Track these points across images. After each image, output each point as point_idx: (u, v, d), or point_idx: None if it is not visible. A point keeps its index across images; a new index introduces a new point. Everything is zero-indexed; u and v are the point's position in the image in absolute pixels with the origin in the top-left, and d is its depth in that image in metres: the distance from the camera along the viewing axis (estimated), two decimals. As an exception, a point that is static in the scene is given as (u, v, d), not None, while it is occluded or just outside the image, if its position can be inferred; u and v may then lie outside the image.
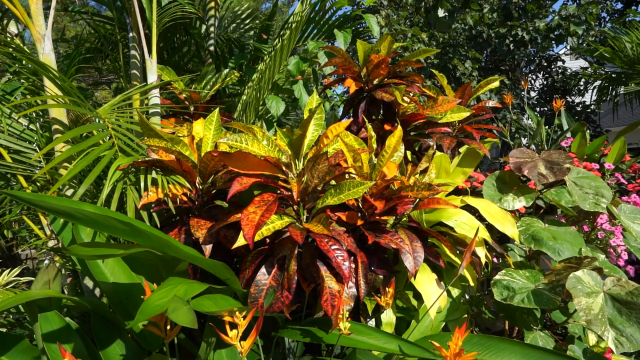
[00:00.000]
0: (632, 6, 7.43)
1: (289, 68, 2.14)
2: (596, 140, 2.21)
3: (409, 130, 1.76)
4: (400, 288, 1.42)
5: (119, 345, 1.18)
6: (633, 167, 2.32)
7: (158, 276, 1.26)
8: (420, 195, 1.22)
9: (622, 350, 1.18)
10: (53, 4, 1.48)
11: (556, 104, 2.26)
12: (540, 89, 6.53)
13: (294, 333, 1.17)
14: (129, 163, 1.24)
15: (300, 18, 1.93)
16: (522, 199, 1.66)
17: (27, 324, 1.63)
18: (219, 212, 1.32)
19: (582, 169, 1.73)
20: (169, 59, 2.68)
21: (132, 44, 1.89)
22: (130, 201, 1.23)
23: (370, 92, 1.73)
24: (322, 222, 1.11)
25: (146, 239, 0.99)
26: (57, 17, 4.42)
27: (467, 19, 4.90)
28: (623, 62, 3.56)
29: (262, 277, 1.17)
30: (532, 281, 1.43)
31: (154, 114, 1.71)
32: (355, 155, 1.25)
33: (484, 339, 1.15)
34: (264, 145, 1.21)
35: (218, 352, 1.15)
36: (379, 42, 1.73)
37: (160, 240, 0.98)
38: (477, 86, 1.88)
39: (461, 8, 4.70)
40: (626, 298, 1.25)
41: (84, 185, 1.15)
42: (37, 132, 1.61)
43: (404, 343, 1.08)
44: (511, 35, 5.09)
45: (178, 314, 0.85)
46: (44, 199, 0.99)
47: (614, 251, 1.81)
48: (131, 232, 0.98)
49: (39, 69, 1.36)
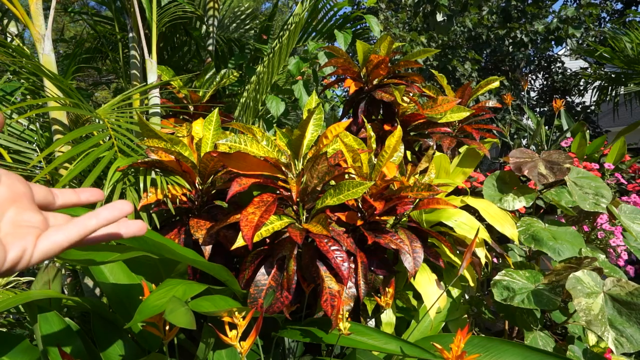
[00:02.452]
0: (632, 6, 7.43)
1: (289, 68, 2.14)
2: (596, 140, 2.22)
3: (409, 130, 1.76)
4: (400, 288, 1.42)
5: (119, 345, 1.18)
6: (633, 167, 2.32)
7: (158, 276, 1.26)
8: (420, 195, 1.22)
9: (622, 350, 1.18)
10: (53, 4, 1.48)
11: (556, 104, 2.26)
12: (540, 89, 6.54)
13: (294, 333, 1.17)
14: (129, 164, 1.24)
15: (300, 19, 1.93)
16: (522, 199, 1.66)
17: (27, 324, 1.64)
18: (219, 213, 1.32)
19: (582, 169, 1.73)
20: (169, 59, 2.68)
21: (132, 44, 1.89)
22: (130, 202, 1.23)
23: (370, 92, 1.73)
24: (321, 223, 1.11)
25: (143, 243, 0.99)
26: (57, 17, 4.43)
27: (466, 22, 4.91)
28: (623, 62, 3.56)
29: (261, 277, 1.16)
30: (532, 281, 1.43)
31: (154, 114, 1.71)
32: (355, 155, 1.25)
33: (484, 340, 1.15)
34: (263, 146, 1.21)
35: (218, 352, 1.15)
36: (379, 43, 1.73)
37: (158, 244, 0.98)
38: (477, 86, 1.88)
39: (460, 12, 4.71)
40: (626, 298, 1.25)
41: (84, 186, 1.15)
42: (37, 132, 1.61)
43: (404, 343, 1.08)
44: (510, 37, 5.10)
45: (176, 315, 0.84)
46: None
47: (613, 251, 1.81)
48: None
49: (39, 72, 1.36)
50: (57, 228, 0.36)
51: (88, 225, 0.36)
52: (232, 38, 2.79)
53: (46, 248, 0.35)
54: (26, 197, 0.37)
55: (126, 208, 0.38)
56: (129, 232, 0.43)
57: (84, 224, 0.36)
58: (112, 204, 0.38)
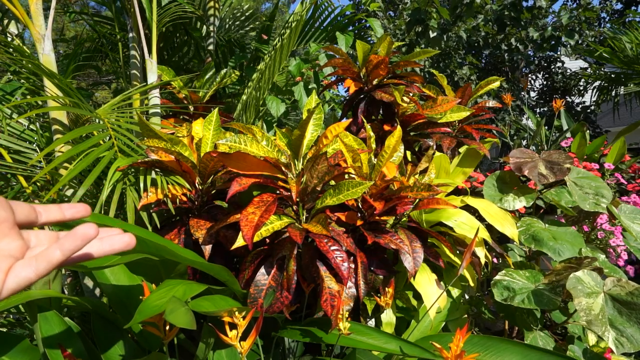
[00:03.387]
0: (632, 6, 7.43)
1: (289, 69, 2.14)
2: (596, 140, 2.22)
3: (409, 130, 1.76)
4: (400, 288, 1.42)
5: (120, 346, 1.18)
6: (633, 167, 2.32)
7: (158, 277, 1.26)
8: (419, 195, 1.22)
9: (623, 350, 1.18)
10: (53, 4, 1.48)
11: (556, 104, 2.26)
12: (540, 89, 6.54)
13: (294, 333, 1.17)
14: (129, 164, 1.24)
15: (300, 17, 1.93)
16: (523, 199, 1.66)
17: (27, 324, 1.63)
18: (219, 213, 1.32)
19: (582, 169, 1.73)
20: (169, 59, 2.68)
21: (132, 44, 1.89)
22: (130, 202, 1.23)
23: (370, 92, 1.73)
24: (321, 223, 1.11)
25: (143, 246, 0.99)
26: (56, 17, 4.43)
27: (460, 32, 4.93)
28: (622, 63, 3.56)
29: (261, 277, 1.16)
30: (532, 281, 1.43)
31: (154, 114, 1.71)
32: (355, 155, 1.25)
33: (484, 339, 1.15)
34: (263, 146, 1.21)
35: (218, 352, 1.15)
36: (379, 43, 1.73)
37: (158, 246, 0.98)
38: (477, 87, 1.88)
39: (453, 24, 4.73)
40: (626, 298, 1.25)
41: (84, 186, 1.15)
42: (37, 132, 1.61)
43: (404, 343, 1.08)
44: (506, 44, 5.13)
45: (175, 315, 0.84)
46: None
47: (613, 251, 1.81)
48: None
49: (40, 72, 1.36)
50: (27, 262, 0.36)
51: (53, 258, 0.36)
52: (233, 38, 2.79)
53: (14, 284, 0.36)
54: (6, 222, 0.37)
55: (90, 233, 0.36)
56: (115, 249, 0.41)
57: (50, 258, 0.36)
58: (73, 232, 0.36)
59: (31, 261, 0.36)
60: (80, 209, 0.43)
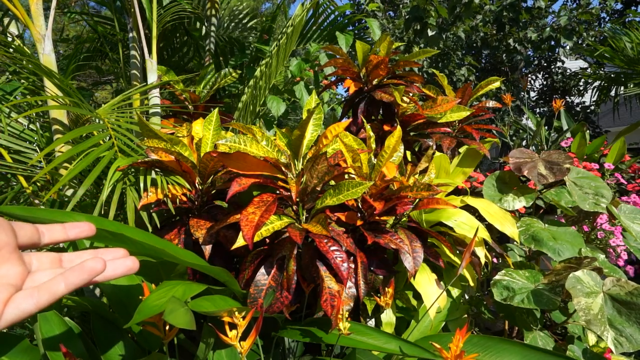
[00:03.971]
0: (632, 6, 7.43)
1: (290, 69, 2.14)
2: (596, 140, 2.22)
3: (409, 130, 1.76)
4: (400, 288, 1.42)
5: (120, 346, 1.18)
6: (633, 167, 2.32)
7: (157, 277, 1.26)
8: (419, 195, 1.22)
9: (622, 350, 1.18)
10: (53, 4, 1.48)
11: (556, 105, 2.26)
12: (539, 90, 6.54)
13: (294, 333, 1.17)
14: (129, 164, 1.24)
15: (301, 17, 1.93)
16: (522, 199, 1.66)
17: (27, 324, 1.63)
18: (219, 213, 1.32)
19: (581, 169, 1.73)
20: (169, 59, 2.68)
21: (132, 44, 1.89)
22: (130, 202, 1.23)
23: (370, 92, 1.73)
24: (321, 223, 1.11)
25: (141, 248, 0.99)
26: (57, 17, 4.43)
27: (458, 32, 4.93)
28: (622, 62, 3.56)
29: (261, 277, 1.17)
30: (532, 281, 1.43)
31: (154, 114, 1.71)
32: (355, 155, 1.25)
33: (483, 339, 1.15)
34: (263, 146, 1.21)
35: (218, 352, 1.15)
36: (378, 43, 1.73)
37: (157, 249, 0.98)
38: (477, 87, 1.88)
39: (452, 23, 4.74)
40: (626, 298, 1.25)
41: (84, 186, 1.15)
42: (38, 132, 1.61)
43: (404, 343, 1.08)
44: (504, 45, 5.13)
45: (175, 315, 0.84)
46: (34, 213, 0.97)
47: (613, 251, 1.81)
48: (124, 243, 0.97)
49: (40, 72, 1.36)
50: (28, 293, 0.35)
51: (57, 291, 0.35)
52: (232, 38, 2.79)
53: (14, 316, 0.35)
54: (7, 247, 0.36)
55: (97, 268, 0.36)
56: (117, 274, 0.41)
57: (54, 290, 0.35)
58: (80, 266, 0.35)
59: (33, 292, 0.35)
60: (85, 228, 0.42)
